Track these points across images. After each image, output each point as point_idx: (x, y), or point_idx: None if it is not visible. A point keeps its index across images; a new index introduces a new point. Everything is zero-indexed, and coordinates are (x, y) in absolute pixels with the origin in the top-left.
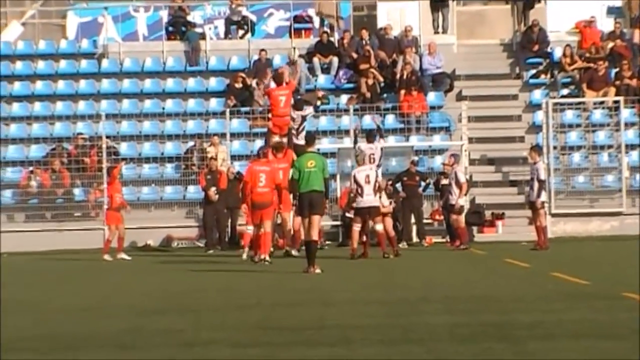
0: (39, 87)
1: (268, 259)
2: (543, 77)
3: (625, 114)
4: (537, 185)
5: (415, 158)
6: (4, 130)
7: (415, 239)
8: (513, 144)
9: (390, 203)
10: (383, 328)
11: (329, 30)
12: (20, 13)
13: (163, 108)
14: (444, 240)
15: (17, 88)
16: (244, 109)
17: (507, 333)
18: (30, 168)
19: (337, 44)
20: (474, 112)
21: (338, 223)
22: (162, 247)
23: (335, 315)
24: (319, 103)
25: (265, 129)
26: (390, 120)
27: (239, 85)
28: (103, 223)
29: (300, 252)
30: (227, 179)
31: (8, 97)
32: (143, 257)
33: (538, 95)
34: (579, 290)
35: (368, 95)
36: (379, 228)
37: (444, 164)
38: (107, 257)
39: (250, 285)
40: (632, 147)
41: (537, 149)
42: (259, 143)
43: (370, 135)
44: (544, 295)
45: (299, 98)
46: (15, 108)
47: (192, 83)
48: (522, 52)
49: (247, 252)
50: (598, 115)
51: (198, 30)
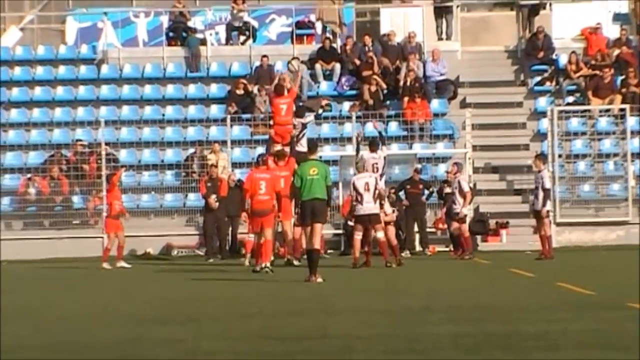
0: (38, 93)
1: (269, 266)
2: (548, 84)
3: (632, 122)
4: (542, 194)
5: (419, 166)
6: (2, 137)
7: (419, 248)
8: (517, 152)
9: (393, 211)
10: (386, 338)
11: (332, 37)
12: (19, 18)
13: (163, 114)
14: (448, 249)
15: (15, 94)
16: (245, 116)
17: (511, 343)
18: (29, 175)
19: (339, 50)
20: (478, 119)
21: (340, 231)
22: (161, 255)
23: (338, 325)
24: (321, 111)
25: (267, 136)
26: (394, 128)
27: (240, 92)
28: (102, 231)
29: (302, 261)
30: (227, 187)
31: (6, 103)
32: (142, 265)
33: (543, 103)
34: (584, 300)
35: (371, 102)
36: (380, 236)
37: (448, 172)
38: (106, 265)
39: (252, 294)
40: (638, 155)
41: (541, 157)
42: (260, 150)
43: (373, 144)
44: (549, 305)
45: (301, 105)
46: (14, 114)
47: (192, 89)
48: (527, 59)
49: (249, 258)
50: (604, 123)
51: (199, 36)
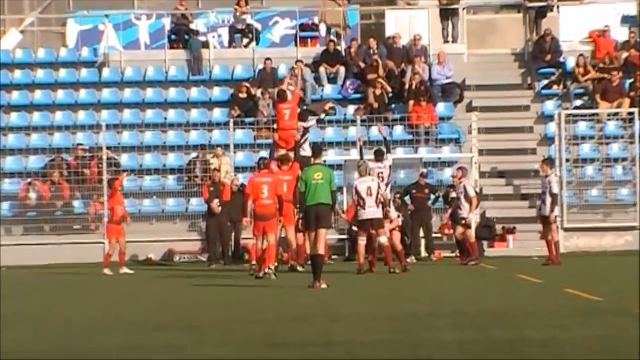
0: (38, 96)
1: (272, 268)
2: (556, 87)
3: None
4: (550, 200)
5: (425, 170)
6: (2, 141)
7: (424, 254)
8: (525, 157)
9: (399, 216)
10: (391, 344)
11: (336, 39)
12: (19, 21)
13: (165, 118)
14: (454, 255)
15: (15, 97)
16: (249, 120)
17: (517, 350)
18: (29, 180)
19: (344, 53)
20: (485, 123)
21: (345, 237)
22: (164, 261)
23: (342, 332)
24: (324, 115)
25: (270, 141)
26: (399, 132)
27: (244, 96)
28: (103, 236)
29: (305, 267)
30: (230, 192)
31: (6, 106)
32: (144, 271)
33: (550, 107)
34: (592, 307)
35: (376, 106)
36: (383, 240)
37: (453, 177)
38: (107, 271)
39: (254, 300)
40: None
41: (548, 162)
42: (264, 154)
43: (379, 154)
44: (556, 312)
45: (305, 109)
46: (14, 118)
47: (195, 93)
48: (534, 62)
49: (255, 264)
50: (612, 127)
51: (202, 39)
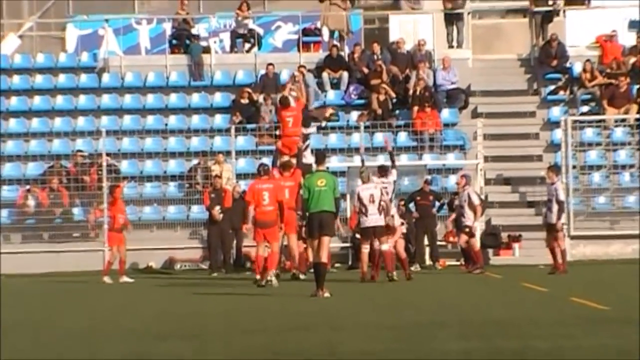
0: (37, 102)
1: (274, 274)
2: (562, 93)
3: None
4: (556, 207)
5: (429, 177)
6: (1, 147)
7: (429, 262)
8: (530, 163)
9: (402, 224)
10: (395, 354)
11: (339, 44)
12: (18, 25)
13: (166, 124)
14: (459, 263)
15: (14, 103)
16: (250, 126)
17: (523, 359)
18: (27, 186)
19: (347, 58)
20: (490, 129)
21: (348, 245)
22: (164, 269)
23: (345, 341)
24: (324, 123)
25: (272, 147)
26: (403, 138)
27: (245, 101)
28: (103, 244)
29: (308, 275)
30: (232, 198)
31: (5, 112)
32: (145, 279)
33: (557, 113)
34: (598, 316)
35: (379, 112)
36: (385, 248)
37: (457, 184)
38: (107, 279)
39: (256, 309)
40: None
41: (554, 169)
42: (266, 161)
43: (383, 170)
44: (562, 320)
45: (307, 115)
46: (12, 124)
47: (196, 98)
48: (540, 67)
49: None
50: (619, 134)
51: (203, 44)
